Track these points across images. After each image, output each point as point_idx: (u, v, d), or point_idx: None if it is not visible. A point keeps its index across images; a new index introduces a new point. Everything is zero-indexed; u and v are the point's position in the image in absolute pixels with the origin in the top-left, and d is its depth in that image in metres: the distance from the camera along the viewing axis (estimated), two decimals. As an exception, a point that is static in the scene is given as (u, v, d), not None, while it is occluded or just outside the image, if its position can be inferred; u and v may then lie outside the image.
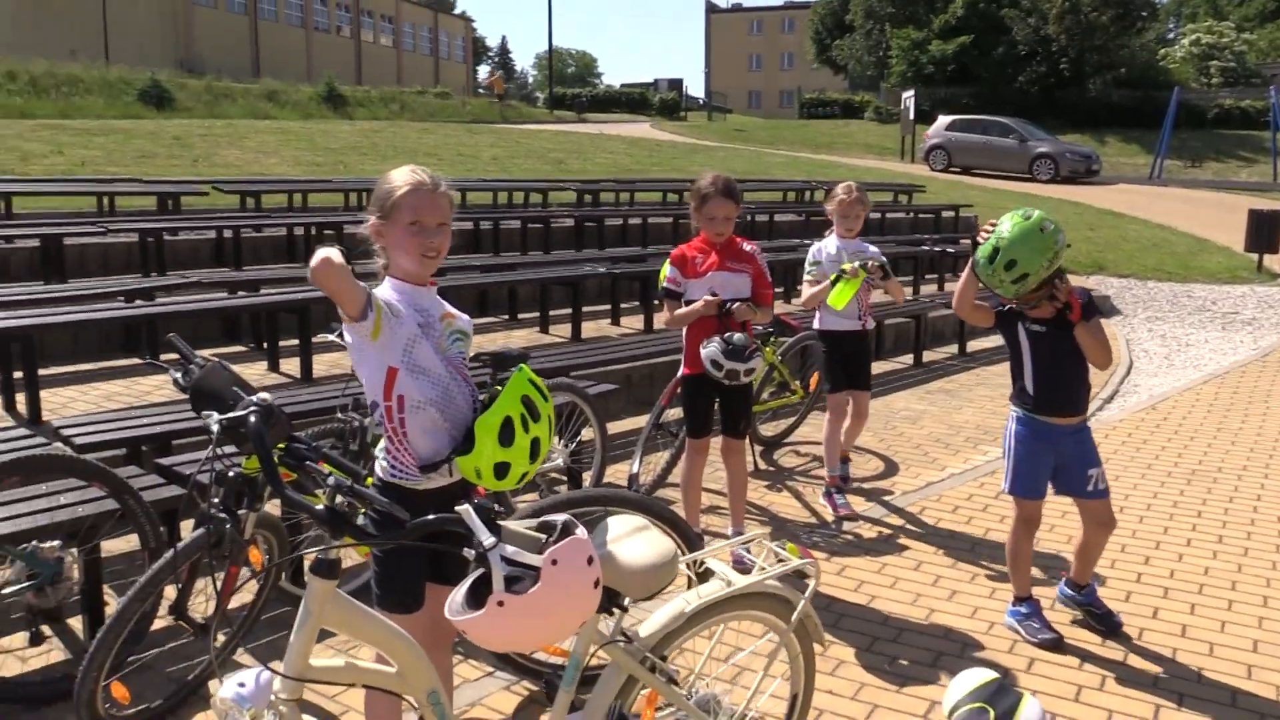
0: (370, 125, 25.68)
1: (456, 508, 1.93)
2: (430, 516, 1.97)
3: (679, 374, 4.94)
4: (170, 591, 3.45)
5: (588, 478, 5.51)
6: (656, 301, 9.29)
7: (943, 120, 30.46)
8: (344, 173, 16.66)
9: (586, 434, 5.58)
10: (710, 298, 4.48)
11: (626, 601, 2.43)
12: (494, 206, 15.34)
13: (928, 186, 21.52)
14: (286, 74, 40.32)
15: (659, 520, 3.28)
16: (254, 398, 2.13)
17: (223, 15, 49.39)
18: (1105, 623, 4.14)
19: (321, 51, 53.61)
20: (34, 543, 3.49)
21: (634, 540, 2.41)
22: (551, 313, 9.18)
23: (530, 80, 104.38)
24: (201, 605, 3.62)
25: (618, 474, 5.88)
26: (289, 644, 2.05)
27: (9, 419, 5.89)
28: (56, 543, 3.55)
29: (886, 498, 5.76)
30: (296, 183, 13.81)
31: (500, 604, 1.86)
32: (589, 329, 9.11)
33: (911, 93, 32.09)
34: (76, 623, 3.93)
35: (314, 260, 2.25)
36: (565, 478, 5.59)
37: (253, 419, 2.06)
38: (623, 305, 9.76)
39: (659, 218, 14.51)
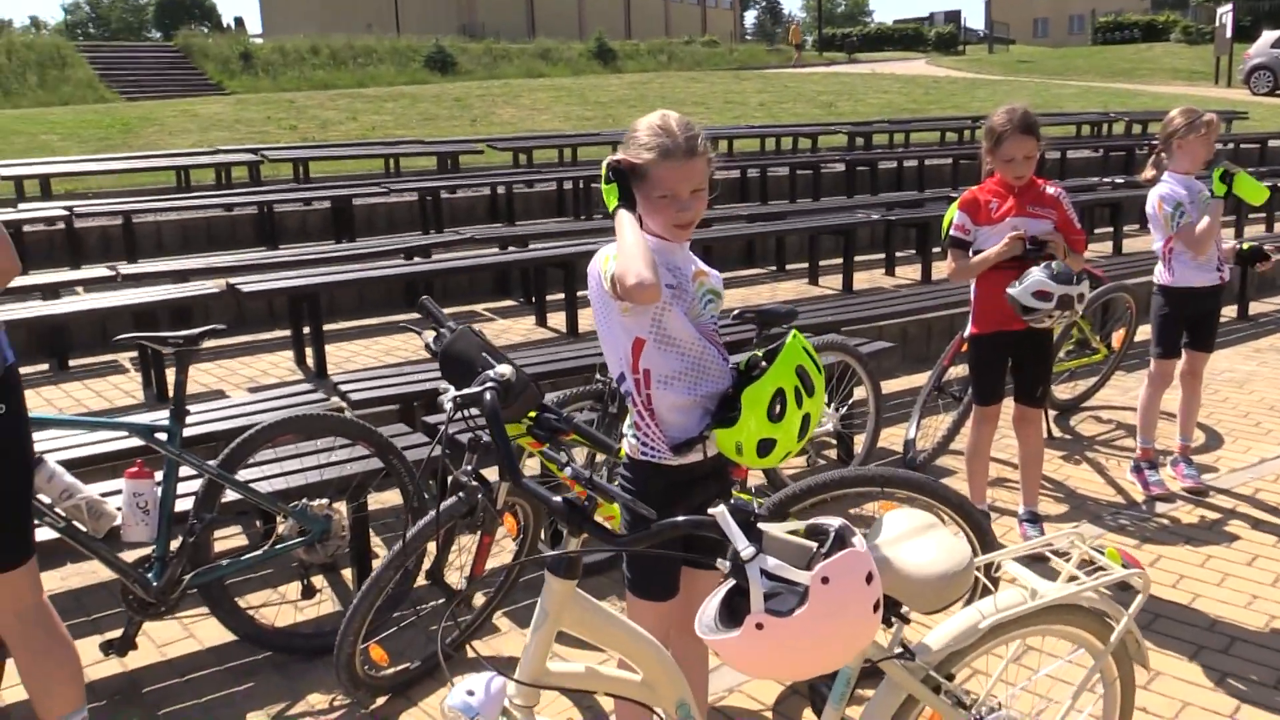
0: (639, 77, 25.85)
1: (711, 510, 1.64)
2: (680, 519, 1.69)
3: (964, 332, 4.41)
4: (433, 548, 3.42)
5: (859, 442, 5.11)
6: (937, 250, 8.63)
7: (1268, 36, 26.80)
8: (612, 126, 16.79)
9: (859, 394, 5.16)
10: (1015, 234, 3.90)
11: (907, 610, 2.06)
12: (761, 153, 14.96)
13: (1250, 113, 18.99)
14: (559, 33, 41.39)
15: (949, 507, 2.86)
16: (492, 372, 1.94)
17: (501, -21, 51.30)
18: None
19: (592, 8, 54.64)
20: (304, 500, 3.55)
21: (921, 542, 2.03)
22: (821, 263, 8.75)
23: (800, 23, 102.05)
24: (462, 567, 3.57)
25: (892, 438, 5.43)
26: (525, 646, 1.84)
27: (299, 373, 6.23)
28: (325, 501, 3.60)
29: (1209, 476, 4.96)
30: (566, 138, 14.00)
31: (759, 626, 1.56)
32: (861, 280, 8.60)
33: (1229, 7, 28.38)
34: (350, 572, 4.02)
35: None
36: (835, 442, 5.22)
37: (488, 396, 1.86)
38: (897, 254, 9.16)
39: (936, 159, 13.60)
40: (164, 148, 13.26)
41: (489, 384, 1.90)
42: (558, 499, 1.75)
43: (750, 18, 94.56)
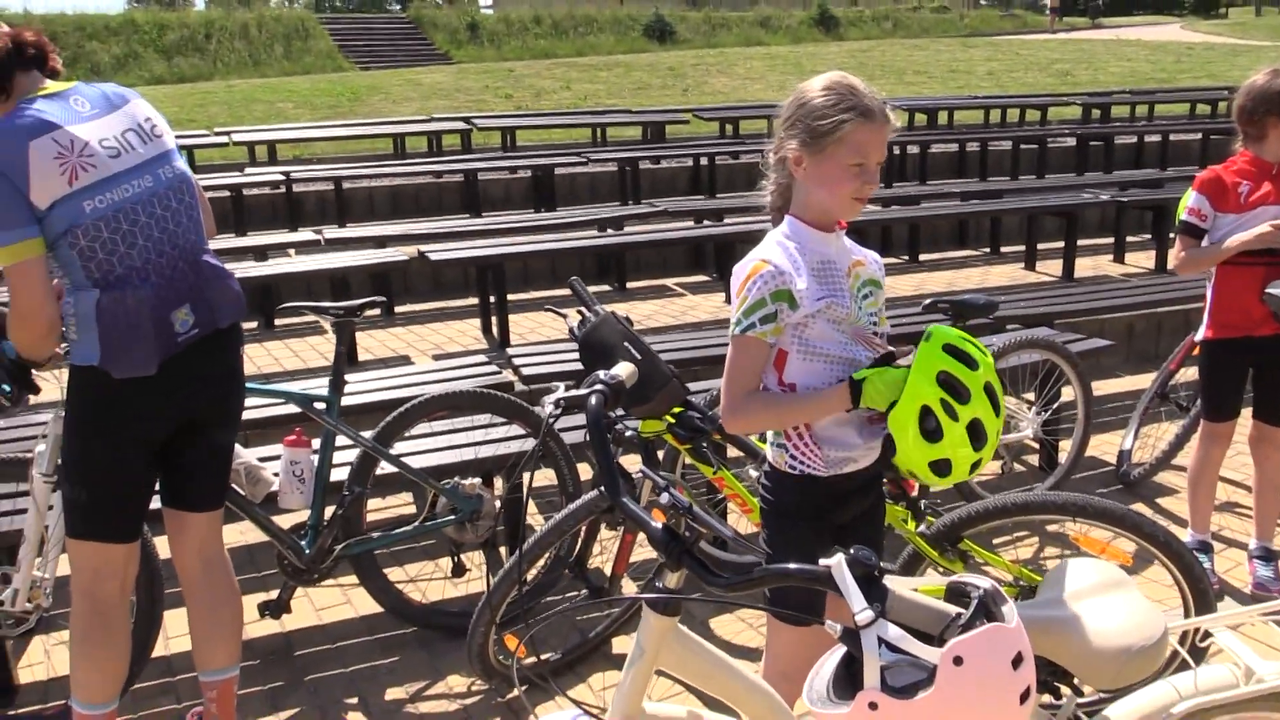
0: (859, 45, 24.96)
1: (825, 560, 1.37)
2: (791, 566, 1.43)
3: (1195, 335, 3.85)
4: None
5: (1065, 449, 4.60)
6: (1172, 236, 7.79)
7: None
8: (826, 96, 16.21)
9: (1066, 395, 4.65)
10: (1275, 224, 3.33)
11: (1080, 682, 1.72)
12: (984, 125, 14.05)
13: None
14: (782, 0, 40.59)
15: (1155, 546, 2.44)
16: (604, 373, 1.73)
17: (726, -54, 50.81)
18: None
19: (818, -26, 53.32)
20: (456, 479, 3.47)
21: (1105, 603, 1.67)
22: (1040, 247, 8.06)
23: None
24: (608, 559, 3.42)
25: (1105, 447, 4.87)
26: (618, 684, 1.63)
27: (484, 342, 6.26)
28: (477, 480, 3.51)
29: None
30: (774, 107, 13.56)
31: (872, 706, 1.28)
32: (1084, 266, 7.88)
33: None
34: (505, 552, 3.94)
35: None
36: (1037, 448, 4.73)
37: (593, 401, 1.66)
38: (1129, 239, 8.32)
39: (1183, 133, 12.34)
40: (386, 115, 13.81)
41: (597, 387, 1.70)
42: (655, 525, 1.52)
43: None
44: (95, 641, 2.60)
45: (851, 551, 1.34)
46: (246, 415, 3.90)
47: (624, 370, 1.81)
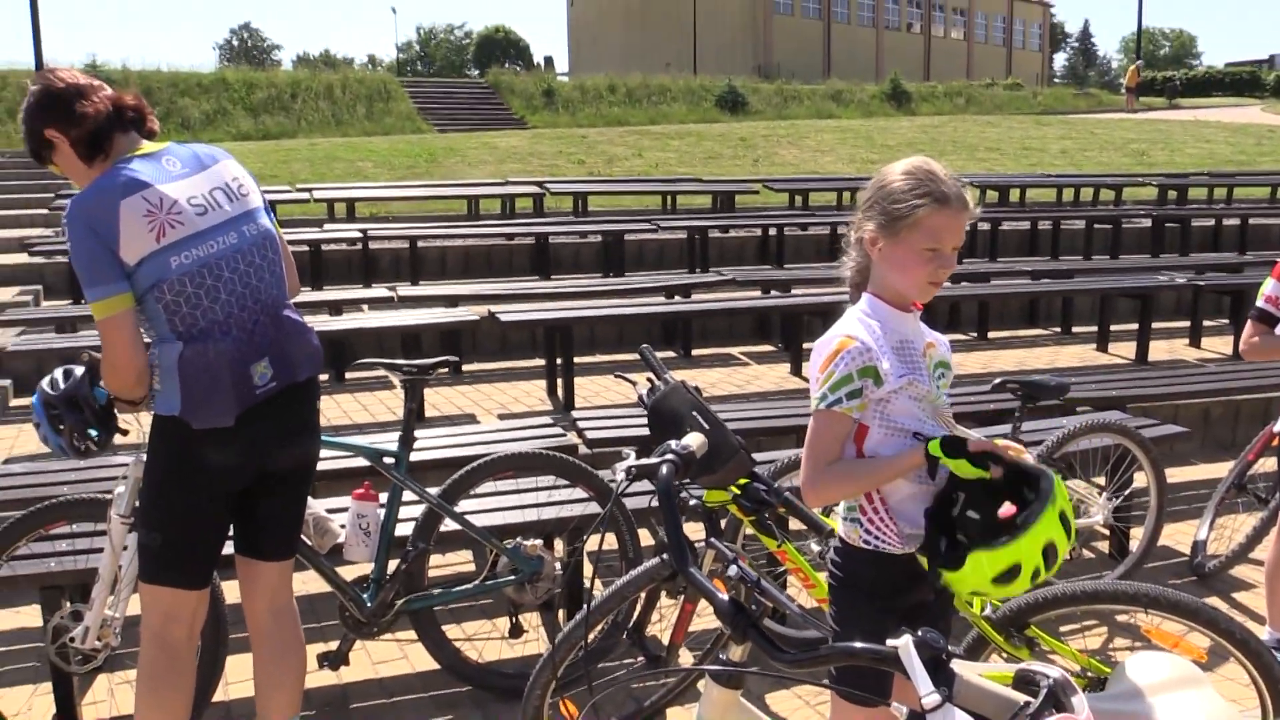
0: (930, 120, 25.02)
1: (893, 640, 1.36)
2: (858, 645, 1.42)
3: (1275, 425, 3.76)
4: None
5: (1136, 537, 4.49)
6: (1251, 322, 7.62)
7: None
8: (896, 170, 16.23)
9: (1138, 481, 4.54)
10: None
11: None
12: (1057, 204, 13.97)
13: None
14: (855, 74, 40.98)
15: (1232, 644, 2.36)
16: (675, 444, 1.76)
17: (799, 21, 51.69)
18: None
19: (891, 49, 53.91)
20: (518, 539, 3.50)
21: (1178, 701, 1.63)
22: (1113, 328, 7.94)
23: (1114, 66, 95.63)
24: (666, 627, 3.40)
25: (1178, 536, 4.75)
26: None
27: (549, 404, 6.32)
28: (539, 541, 3.53)
29: None
30: (844, 180, 13.64)
31: (937, 793, 1.27)
32: (1159, 350, 7.74)
33: None
34: (563, 615, 3.94)
35: None
36: (1106, 534, 4.62)
37: (663, 471, 1.68)
38: (1206, 324, 8.16)
39: (1264, 218, 12.14)
40: (462, 177, 14.16)
41: (668, 457, 1.72)
42: (722, 597, 1.53)
43: (1060, 60, 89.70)
44: (162, 683, 2.65)
45: (920, 633, 1.34)
46: (317, 467, 4.00)
47: (694, 441, 1.83)
